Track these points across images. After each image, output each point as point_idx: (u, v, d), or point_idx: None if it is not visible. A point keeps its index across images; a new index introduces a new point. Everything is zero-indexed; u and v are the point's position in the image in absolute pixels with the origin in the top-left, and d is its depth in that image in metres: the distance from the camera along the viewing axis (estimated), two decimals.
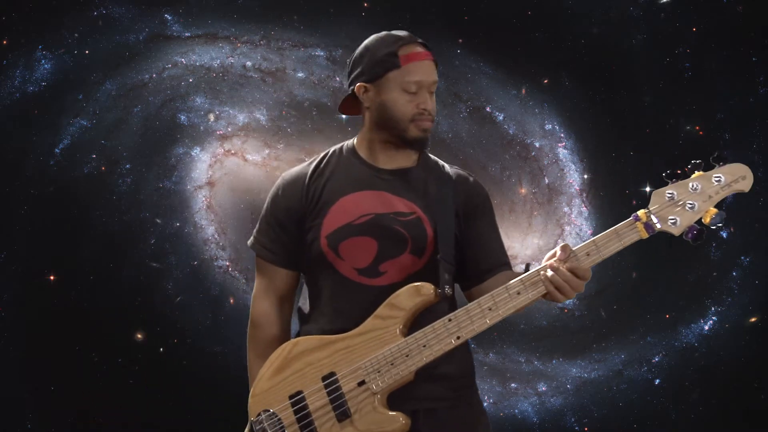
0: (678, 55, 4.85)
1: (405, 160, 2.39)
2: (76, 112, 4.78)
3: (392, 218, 2.31)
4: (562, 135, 5.02)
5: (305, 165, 2.44)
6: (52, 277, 4.70)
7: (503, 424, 4.95)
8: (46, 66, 4.72)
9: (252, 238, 2.46)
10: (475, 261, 2.38)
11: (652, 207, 2.16)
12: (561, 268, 2.16)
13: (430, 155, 2.45)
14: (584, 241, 2.19)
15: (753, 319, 4.81)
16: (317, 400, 2.26)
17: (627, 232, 2.16)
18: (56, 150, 4.75)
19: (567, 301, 2.26)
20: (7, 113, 4.68)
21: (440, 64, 2.39)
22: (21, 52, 4.68)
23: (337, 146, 2.46)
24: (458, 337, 2.22)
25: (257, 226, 2.46)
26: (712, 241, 4.89)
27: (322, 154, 2.45)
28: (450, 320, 2.22)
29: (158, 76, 4.86)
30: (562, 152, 5.03)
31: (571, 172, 5.04)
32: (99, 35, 4.74)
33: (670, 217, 2.11)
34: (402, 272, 2.31)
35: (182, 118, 4.91)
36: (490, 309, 2.21)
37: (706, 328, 4.88)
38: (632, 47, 4.90)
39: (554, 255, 2.18)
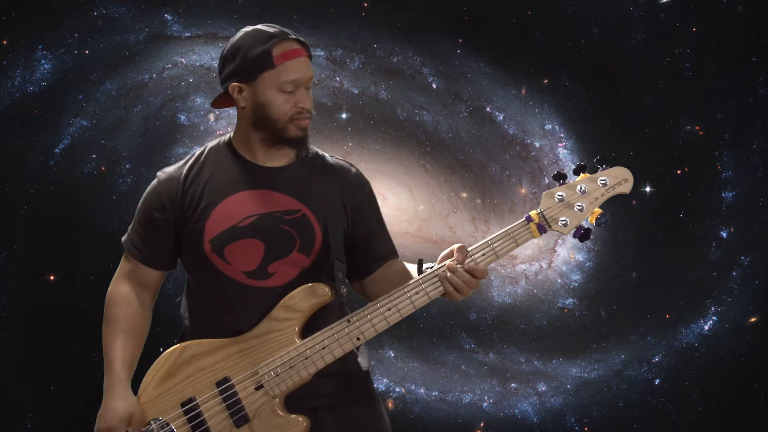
0: (678, 55, 4.85)
1: (285, 155, 2.32)
2: (76, 112, 4.78)
3: (278, 217, 2.26)
4: (562, 135, 5.02)
5: (180, 165, 2.35)
6: (52, 277, 4.70)
7: (503, 424, 4.95)
8: (46, 66, 4.71)
9: (126, 235, 2.40)
10: (364, 253, 2.36)
11: (543, 208, 2.23)
12: (459, 269, 2.16)
13: (311, 147, 2.38)
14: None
15: (753, 319, 4.81)
16: (212, 407, 2.22)
17: (521, 233, 2.22)
18: (56, 150, 4.75)
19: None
20: (7, 113, 4.68)
21: (313, 57, 2.33)
22: (21, 52, 4.68)
23: (212, 143, 2.38)
24: (358, 338, 2.21)
25: (132, 223, 2.39)
26: (713, 241, 4.89)
27: (197, 153, 2.36)
28: (349, 321, 2.21)
29: (158, 76, 4.86)
30: (562, 152, 5.03)
31: (571, 172, 5.03)
32: (99, 35, 4.74)
33: (560, 218, 2.20)
34: (291, 272, 2.26)
35: (182, 118, 4.91)
36: (389, 309, 2.21)
37: (706, 328, 4.88)
38: (632, 47, 4.90)
39: (450, 255, 2.20)
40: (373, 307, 2.21)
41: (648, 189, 4.81)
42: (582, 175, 2.25)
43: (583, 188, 2.21)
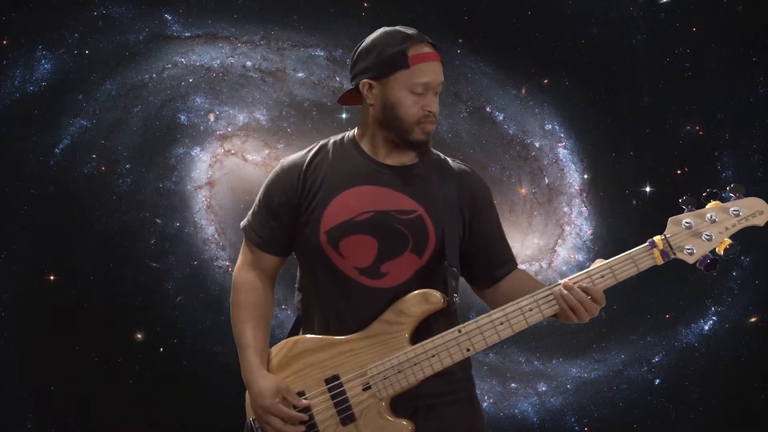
0: (678, 55, 4.85)
1: (407, 156, 2.33)
2: (76, 112, 4.78)
3: (393, 216, 2.26)
4: (562, 135, 5.02)
5: (303, 153, 2.37)
6: (52, 277, 4.70)
7: (503, 424, 4.96)
8: (46, 66, 4.72)
9: (246, 220, 2.41)
10: (483, 260, 2.36)
11: (668, 234, 2.19)
12: (575, 287, 2.17)
13: (433, 150, 2.39)
14: (603, 259, 2.21)
15: (753, 319, 4.81)
16: (320, 403, 2.23)
17: (643, 258, 2.19)
18: (56, 150, 4.75)
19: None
20: (7, 113, 4.68)
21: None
22: (21, 52, 4.68)
23: (336, 137, 2.40)
24: (468, 350, 2.22)
25: (252, 208, 2.41)
26: None
27: (321, 143, 2.39)
28: (460, 332, 2.22)
29: (158, 76, 4.86)
30: (562, 152, 5.03)
31: (571, 172, 5.04)
32: (99, 35, 4.74)
33: (686, 246, 2.15)
34: (403, 274, 2.27)
35: (182, 118, 4.91)
36: (501, 324, 2.22)
37: (706, 328, 4.88)
38: (632, 47, 4.90)
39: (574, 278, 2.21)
40: (486, 320, 2.21)
41: (648, 189, 4.81)
42: (712, 202, 2.19)
43: (712, 217, 2.15)
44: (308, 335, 2.30)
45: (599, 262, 2.21)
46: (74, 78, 4.75)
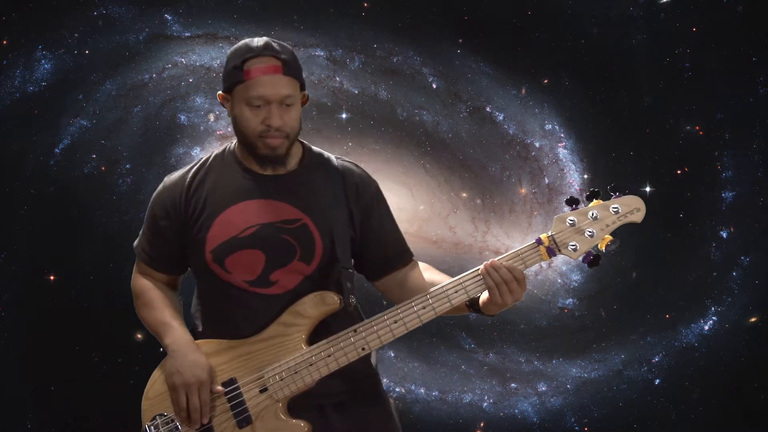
0: (678, 55, 4.85)
1: (287, 162, 2.31)
2: (76, 112, 4.78)
3: (278, 227, 2.26)
4: (562, 135, 5.02)
5: (185, 171, 2.35)
6: (52, 277, 4.70)
7: (503, 424, 4.96)
8: (46, 66, 4.71)
9: (137, 239, 2.43)
10: (377, 253, 2.37)
11: (554, 232, 2.25)
12: (501, 266, 2.19)
13: (313, 149, 2.37)
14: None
15: (753, 319, 4.81)
16: (217, 406, 2.23)
17: (530, 255, 2.26)
18: (56, 150, 4.75)
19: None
20: (7, 113, 4.68)
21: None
22: (21, 52, 4.68)
23: (218, 150, 2.38)
24: (363, 349, 2.23)
25: (142, 229, 2.42)
26: (713, 241, 4.89)
27: (202, 159, 2.36)
28: (356, 332, 2.23)
29: (158, 76, 4.86)
30: (562, 152, 5.03)
31: (571, 172, 5.04)
32: (99, 35, 4.74)
33: (570, 243, 2.24)
34: (294, 279, 2.27)
35: (182, 118, 4.91)
36: (395, 322, 2.23)
37: (706, 328, 4.88)
38: (632, 47, 4.90)
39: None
40: (380, 319, 2.23)
41: (648, 189, 4.81)
42: (595, 201, 2.28)
43: (594, 214, 2.24)
44: (205, 339, 2.30)
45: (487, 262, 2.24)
46: (74, 78, 4.75)
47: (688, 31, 4.83)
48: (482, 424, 4.93)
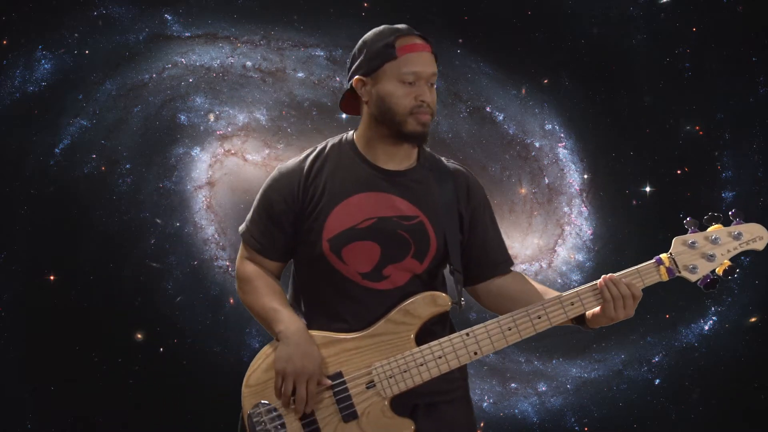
0: (678, 55, 4.85)
1: (405, 159, 2.34)
2: (76, 112, 4.78)
3: (396, 222, 2.27)
4: (562, 135, 5.02)
5: (301, 159, 2.36)
6: (52, 277, 4.70)
7: (503, 424, 4.95)
8: (46, 66, 4.71)
9: (244, 225, 2.40)
10: (478, 259, 2.38)
11: (674, 252, 2.29)
12: (621, 281, 2.24)
13: (427, 150, 2.40)
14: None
15: (753, 319, 4.81)
16: (322, 399, 2.22)
17: (649, 274, 2.30)
18: (56, 150, 4.75)
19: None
20: (7, 113, 4.68)
21: (440, 62, 2.36)
22: (21, 52, 4.68)
23: (334, 139, 2.40)
24: (475, 353, 2.24)
25: (249, 215, 2.40)
26: None
27: (319, 147, 2.38)
28: (468, 335, 2.24)
29: (158, 76, 4.86)
30: (562, 152, 5.03)
31: (571, 172, 5.04)
32: (99, 35, 4.74)
33: (690, 264, 2.27)
34: (404, 276, 2.28)
35: (182, 118, 4.91)
36: (509, 329, 2.24)
37: (706, 328, 4.88)
38: (632, 47, 4.90)
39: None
40: (494, 325, 2.24)
41: (648, 189, 4.81)
42: (716, 225, 2.31)
43: (716, 238, 2.27)
44: (314, 331, 2.28)
45: (606, 276, 2.27)
46: (74, 78, 4.75)
47: (688, 31, 4.83)
48: (482, 424, 4.93)
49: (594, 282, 2.25)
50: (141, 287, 4.73)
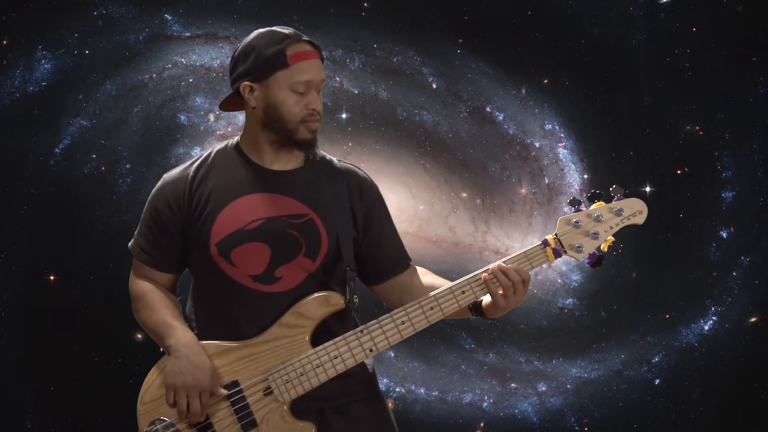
0: (678, 55, 4.85)
1: (292, 159, 2.31)
2: (76, 112, 4.78)
3: (284, 221, 2.24)
4: (562, 135, 5.02)
5: (186, 166, 2.34)
6: (52, 277, 4.70)
7: (503, 424, 4.96)
8: (46, 66, 4.71)
9: (132, 240, 2.39)
10: (376, 257, 2.36)
11: (559, 233, 2.27)
12: (510, 269, 2.20)
13: (319, 151, 2.37)
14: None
15: (753, 319, 4.81)
16: (220, 409, 2.20)
17: (536, 256, 2.26)
18: (56, 150, 4.75)
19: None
20: (7, 113, 4.68)
21: (325, 60, 2.34)
22: (21, 52, 4.68)
23: (219, 146, 2.36)
24: (371, 350, 2.22)
25: (137, 229, 2.38)
26: (713, 241, 4.89)
27: (204, 155, 2.35)
28: (362, 332, 2.22)
29: (158, 76, 4.86)
30: (562, 152, 5.03)
31: (571, 172, 5.05)
32: (99, 35, 4.74)
33: (576, 244, 2.26)
34: (297, 277, 2.25)
35: (182, 118, 4.91)
36: (403, 323, 2.22)
37: (706, 328, 4.88)
38: (632, 47, 4.90)
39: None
40: (388, 320, 2.22)
41: (648, 189, 4.81)
42: (597, 203, 2.31)
43: (598, 216, 2.27)
44: (205, 341, 2.25)
45: (494, 264, 2.25)
46: (74, 78, 4.75)
47: (688, 31, 4.83)
48: (482, 424, 4.93)
49: (482, 269, 2.23)
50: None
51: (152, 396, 2.26)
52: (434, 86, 4.94)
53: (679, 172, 4.88)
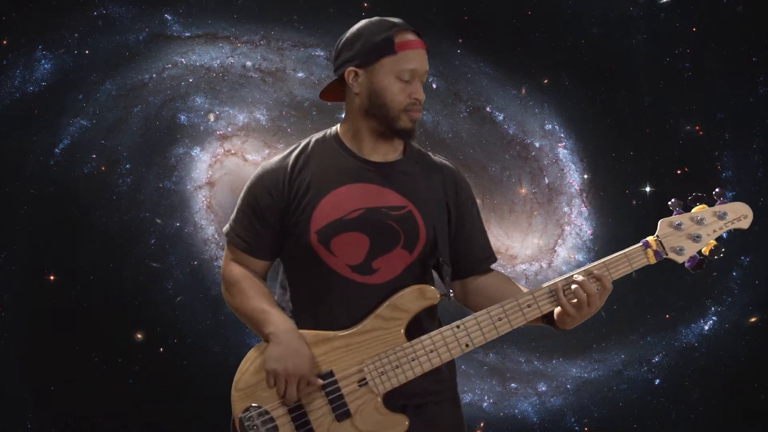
0: (678, 55, 4.85)
1: (391, 150, 2.32)
2: (76, 112, 4.78)
3: (384, 212, 2.25)
4: (562, 135, 5.02)
5: (285, 155, 2.34)
6: (52, 277, 4.70)
7: (503, 424, 4.95)
8: (46, 66, 4.72)
9: (228, 226, 2.36)
10: (464, 253, 2.37)
11: (660, 235, 2.27)
12: (586, 278, 2.20)
13: (414, 145, 2.38)
14: (599, 258, 2.26)
15: (753, 319, 4.81)
16: (314, 399, 2.20)
17: (637, 257, 2.27)
18: (56, 150, 4.75)
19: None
20: (7, 113, 4.68)
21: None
22: (21, 52, 4.68)
23: (318, 135, 2.37)
24: (467, 345, 2.22)
25: (233, 215, 2.36)
26: None
27: (303, 143, 2.35)
28: (458, 327, 2.22)
29: (158, 76, 4.86)
30: (562, 152, 5.03)
31: (571, 172, 5.05)
32: (99, 35, 4.74)
33: (677, 246, 2.26)
34: (395, 269, 2.25)
35: (182, 118, 4.91)
36: (500, 319, 2.23)
37: (706, 328, 4.88)
38: (632, 47, 4.90)
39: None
40: (484, 316, 2.23)
41: (648, 189, 4.81)
42: (700, 205, 2.30)
43: (701, 218, 2.26)
44: (303, 330, 2.25)
45: (596, 263, 2.26)
46: (74, 78, 4.75)
47: (688, 31, 4.83)
48: (482, 424, 4.93)
49: (573, 272, 2.23)
50: (141, 287, 4.73)
51: (247, 383, 2.22)
52: (434, 86, 4.94)
53: (679, 172, 4.88)
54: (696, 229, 2.25)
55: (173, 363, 4.75)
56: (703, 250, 2.27)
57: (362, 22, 2.32)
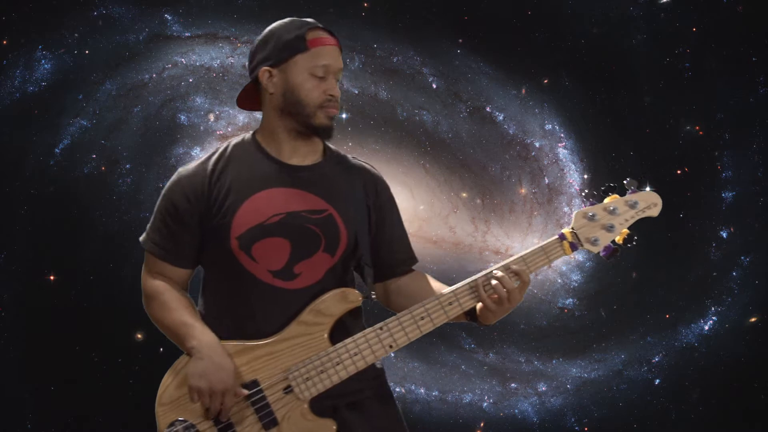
0: (678, 55, 4.85)
1: (311, 153, 2.30)
2: (76, 112, 4.79)
3: (304, 216, 2.23)
4: (562, 135, 5.03)
5: (203, 160, 2.30)
6: (52, 277, 4.70)
7: (503, 424, 4.96)
8: (46, 66, 4.72)
9: (144, 234, 2.32)
10: (386, 255, 2.36)
11: (575, 227, 2.28)
12: (506, 274, 2.20)
13: (332, 147, 2.37)
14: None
15: (753, 319, 4.81)
16: (240, 409, 2.18)
17: (554, 250, 2.27)
18: (56, 150, 4.76)
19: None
20: (7, 113, 4.68)
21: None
22: (21, 52, 4.68)
23: (236, 139, 2.34)
24: (390, 346, 2.21)
25: (150, 223, 2.33)
26: (713, 241, 4.89)
27: (221, 148, 2.32)
28: (381, 329, 2.21)
29: (158, 76, 4.86)
30: (562, 152, 5.04)
31: (571, 172, 5.05)
32: (99, 35, 4.74)
33: (591, 236, 2.28)
34: (316, 273, 2.23)
35: (182, 118, 4.91)
36: (422, 318, 2.22)
37: (706, 328, 4.89)
38: (632, 47, 4.91)
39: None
40: (407, 316, 2.22)
41: (648, 189, 4.81)
42: (612, 195, 2.35)
43: (613, 208, 2.30)
44: (225, 341, 2.22)
45: (514, 257, 2.26)
46: (74, 78, 4.75)
47: (688, 31, 4.83)
48: (482, 424, 4.93)
49: (490, 269, 2.23)
50: (141, 287, 4.72)
51: (170, 397, 2.21)
52: (434, 86, 4.94)
53: (679, 172, 4.89)
54: (609, 219, 2.29)
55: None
56: (616, 239, 2.30)
57: (274, 24, 2.32)
